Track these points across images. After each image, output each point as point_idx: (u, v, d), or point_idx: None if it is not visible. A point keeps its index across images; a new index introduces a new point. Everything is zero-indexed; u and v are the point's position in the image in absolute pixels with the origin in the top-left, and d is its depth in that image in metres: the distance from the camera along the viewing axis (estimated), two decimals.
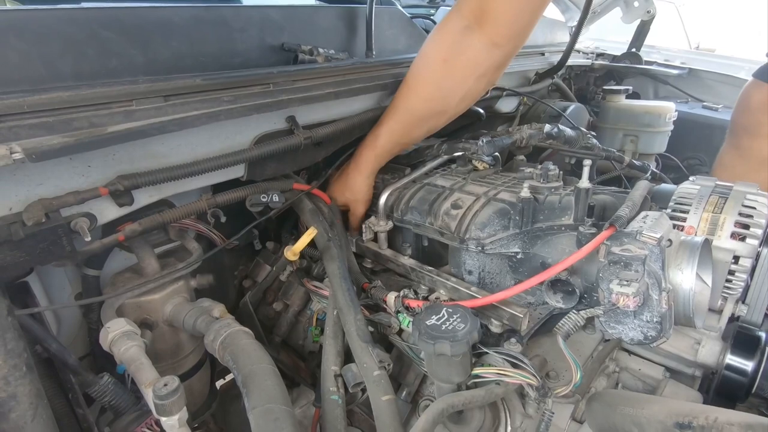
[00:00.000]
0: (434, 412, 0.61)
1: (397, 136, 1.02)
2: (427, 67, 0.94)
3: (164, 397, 0.51)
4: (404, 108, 0.98)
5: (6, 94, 0.57)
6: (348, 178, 1.06)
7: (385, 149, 1.03)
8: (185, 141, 0.78)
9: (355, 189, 1.05)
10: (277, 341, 1.12)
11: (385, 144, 1.02)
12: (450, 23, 0.91)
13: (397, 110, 0.99)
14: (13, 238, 0.63)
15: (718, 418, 0.55)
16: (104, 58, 0.71)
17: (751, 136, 1.34)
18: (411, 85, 0.97)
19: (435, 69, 0.93)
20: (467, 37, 0.88)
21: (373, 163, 1.04)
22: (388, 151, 1.04)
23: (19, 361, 0.46)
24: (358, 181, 1.04)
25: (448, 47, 0.91)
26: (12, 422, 0.46)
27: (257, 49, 0.91)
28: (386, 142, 1.02)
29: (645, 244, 0.73)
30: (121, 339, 0.68)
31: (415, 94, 0.97)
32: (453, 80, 0.94)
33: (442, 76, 0.93)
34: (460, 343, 0.62)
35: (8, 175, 0.64)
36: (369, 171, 1.04)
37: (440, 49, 0.92)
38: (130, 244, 0.87)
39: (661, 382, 0.96)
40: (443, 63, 0.92)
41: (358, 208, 1.07)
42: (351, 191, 1.06)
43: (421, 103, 0.97)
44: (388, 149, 1.03)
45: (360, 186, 1.05)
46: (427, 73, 0.95)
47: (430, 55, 0.94)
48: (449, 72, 0.92)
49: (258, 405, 0.59)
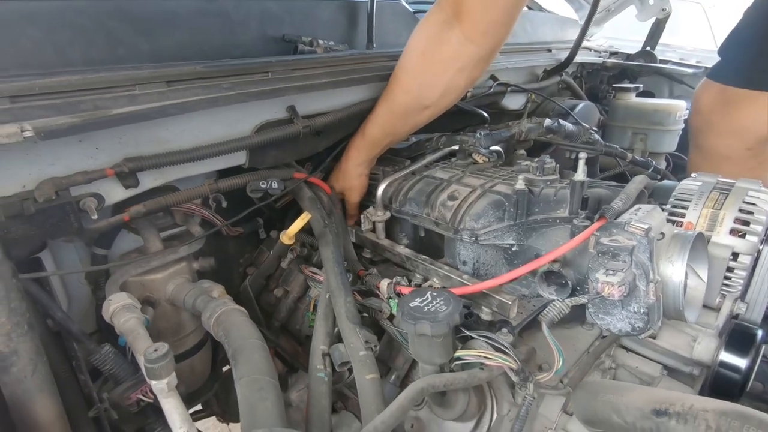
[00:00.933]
0: (414, 390, 0.63)
1: (384, 128, 1.03)
2: (408, 59, 0.96)
3: (154, 361, 0.55)
4: (389, 100, 1.00)
5: (19, 76, 0.61)
6: (341, 167, 1.10)
7: (373, 139, 1.05)
8: (188, 127, 0.82)
9: (347, 176, 1.09)
10: (276, 326, 1.15)
11: (374, 134, 1.04)
12: (431, 16, 0.91)
13: (383, 102, 1.01)
14: (25, 213, 0.68)
15: (693, 405, 0.55)
16: (111, 46, 0.75)
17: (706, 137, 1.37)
18: (395, 76, 0.98)
19: (414, 62, 0.94)
20: (445, 31, 0.88)
21: (363, 151, 1.07)
22: (377, 142, 1.06)
23: (21, 319, 0.49)
24: (350, 169, 1.08)
25: (427, 40, 0.92)
26: (13, 376, 0.50)
27: (258, 40, 0.94)
28: (375, 132, 1.04)
29: (633, 234, 0.73)
30: (122, 311, 0.72)
31: (397, 86, 0.98)
32: (431, 74, 0.94)
33: (420, 69, 0.94)
34: (440, 324, 0.64)
35: (22, 154, 0.68)
36: (360, 159, 1.07)
37: (420, 42, 0.93)
38: (136, 225, 0.92)
39: (655, 379, 0.96)
40: (422, 56, 0.93)
41: (352, 196, 1.11)
42: (344, 179, 1.10)
43: (402, 96, 0.98)
44: (376, 139, 1.05)
45: (351, 173, 1.08)
46: (408, 66, 0.96)
47: (411, 47, 0.95)
48: (428, 65, 0.93)
49: (244, 375, 0.62)
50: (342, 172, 1.10)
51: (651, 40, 2.03)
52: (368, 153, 1.07)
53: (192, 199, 0.89)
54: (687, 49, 2.11)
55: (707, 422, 0.53)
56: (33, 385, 0.51)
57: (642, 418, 0.59)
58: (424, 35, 0.93)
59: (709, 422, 0.52)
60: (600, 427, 0.71)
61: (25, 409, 0.51)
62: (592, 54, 2.01)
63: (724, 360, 0.83)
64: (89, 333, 0.99)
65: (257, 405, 0.59)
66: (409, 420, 0.82)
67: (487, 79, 1.38)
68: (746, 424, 0.50)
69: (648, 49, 2.03)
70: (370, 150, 1.07)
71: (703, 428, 0.53)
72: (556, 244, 0.90)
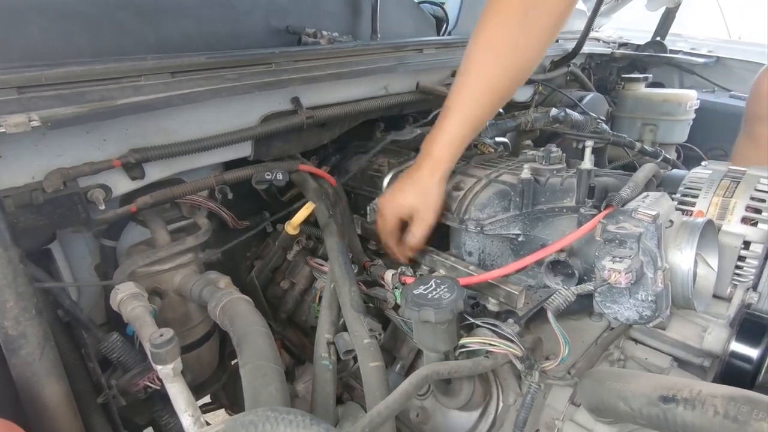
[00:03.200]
0: (418, 377, 0.62)
1: (472, 120, 0.88)
2: (502, 26, 0.82)
3: (159, 346, 0.55)
4: (480, 82, 0.85)
5: (27, 67, 0.62)
6: (421, 182, 0.89)
7: (461, 141, 0.89)
8: (194, 118, 0.83)
9: (429, 193, 0.89)
10: (283, 318, 1.16)
11: (460, 133, 0.88)
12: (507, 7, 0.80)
13: (468, 88, 0.86)
14: (34, 203, 0.69)
15: (701, 390, 0.54)
16: (118, 37, 0.77)
17: (764, 124, 1.30)
18: (481, 54, 0.84)
19: (511, 26, 0.81)
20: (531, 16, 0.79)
21: (450, 161, 0.90)
22: (463, 144, 0.90)
23: (28, 304, 0.50)
24: (432, 185, 0.88)
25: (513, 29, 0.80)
26: (21, 358, 0.51)
27: (262, 31, 0.95)
28: (460, 131, 0.88)
29: (640, 221, 0.72)
30: (129, 299, 0.73)
31: (492, 60, 0.84)
32: (532, 37, 0.82)
33: (520, 33, 0.80)
34: (444, 310, 0.63)
35: (31, 146, 0.70)
36: (444, 171, 0.90)
37: (505, 34, 0.81)
38: (143, 218, 0.93)
39: (665, 370, 0.94)
40: (523, 15, 0.79)
41: (429, 216, 0.90)
42: (424, 196, 0.89)
43: (500, 71, 0.84)
44: (463, 141, 0.89)
45: (435, 190, 0.89)
46: (501, 34, 0.82)
47: (504, 10, 0.81)
48: (528, 28, 0.80)
49: (249, 362, 0.63)
50: (421, 189, 0.89)
51: (661, 30, 1.99)
52: (453, 163, 0.90)
53: (198, 191, 0.90)
54: (698, 39, 2.07)
55: (715, 408, 0.52)
56: (41, 369, 0.52)
57: (649, 405, 0.58)
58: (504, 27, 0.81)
59: (717, 408, 0.52)
60: (607, 415, 0.71)
61: (33, 392, 0.52)
62: (601, 45, 1.98)
63: (735, 350, 0.82)
64: (99, 324, 1.01)
65: (261, 390, 0.59)
66: (414, 409, 0.82)
67: None
68: (755, 409, 0.49)
69: (658, 39, 1.99)
70: (458, 151, 0.90)
71: (711, 414, 0.52)
72: (562, 234, 0.89)
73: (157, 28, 0.80)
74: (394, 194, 0.92)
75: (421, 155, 0.91)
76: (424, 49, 1.11)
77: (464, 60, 0.87)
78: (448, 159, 0.89)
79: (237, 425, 0.42)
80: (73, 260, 0.93)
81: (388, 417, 0.54)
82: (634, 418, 0.61)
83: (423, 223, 0.89)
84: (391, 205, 0.91)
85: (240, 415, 0.44)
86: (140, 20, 0.79)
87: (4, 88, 0.61)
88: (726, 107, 1.76)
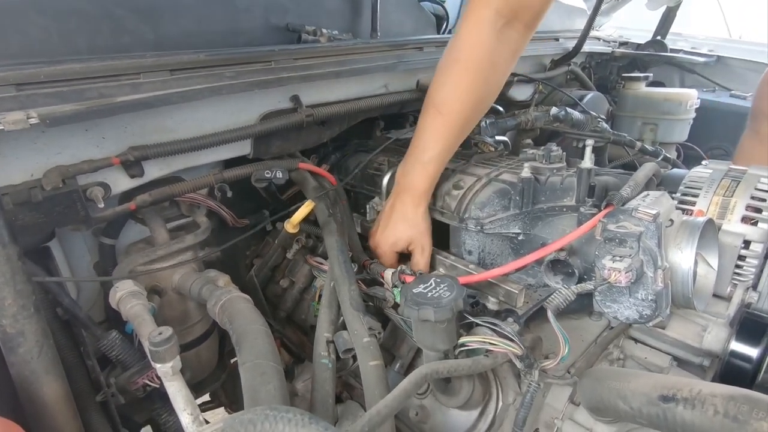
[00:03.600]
0: (418, 376, 0.62)
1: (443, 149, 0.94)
2: (471, 70, 0.91)
3: (158, 344, 0.55)
4: (443, 115, 0.92)
5: (25, 64, 0.62)
6: (407, 215, 0.95)
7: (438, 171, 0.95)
8: (193, 116, 0.83)
9: (419, 223, 0.95)
10: (282, 316, 1.16)
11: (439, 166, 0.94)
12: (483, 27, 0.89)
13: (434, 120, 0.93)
14: (32, 200, 0.69)
15: (701, 390, 0.54)
16: (117, 35, 0.76)
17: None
18: (445, 91, 0.92)
19: (481, 70, 0.91)
20: (505, 32, 0.89)
21: (430, 191, 0.96)
22: (439, 167, 0.95)
23: (27, 301, 0.50)
24: (419, 215, 0.95)
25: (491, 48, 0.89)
26: (20, 356, 0.50)
27: (262, 28, 0.94)
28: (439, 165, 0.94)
29: (641, 220, 0.72)
30: (128, 297, 0.73)
31: (452, 99, 0.91)
32: (498, 73, 0.94)
33: (483, 75, 0.91)
34: (443, 309, 0.63)
35: (30, 143, 0.69)
36: (427, 202, 0.96)
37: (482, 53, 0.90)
38: (142, 216, 0.93)
39: (664, 370, 0.94)
40: (486, 62, 0.90)
41: (427, 243, 0.96)
42: (416, 227, 0.95)
43: (461, 105, 0.92)
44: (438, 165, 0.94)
45: (423, 220, 0.96)
46: (472, 76, 0.91)
47: (471, 60, 0.90)
48: (491, 67, 0.91)
49: (248, 360, 0.63)
50: (409, 220, 0.94)
51: (662, 29, 1.99)
52: (432, 183, 0.95)
53: (197, 189, 0.89)
54: (699, 38, 2.07)
55: (715, 407, 0.52)
56: (39, 367, 0.52)
57: (648, 404, 0.58)
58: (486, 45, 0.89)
59: (717, 407, 0.51)
60: (606, 414, 0.71)
61: (32, 390, 0.52)
62: (601, 44, 1.97)
63: (734, 349, 0.82)
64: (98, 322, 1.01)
65: (260, 389, 0.59)
66: (414, 408, 0.82)
67: None
68: (755, 408, 0.49)
69: (659, 38, 1.99)
70: (434, 179, 0.95)
71: (711, 413, 0.52)
72: (562, 233, 0.89)
73: (156, 26, 0.80)
74: (386, 232, 0.96)
75: (399, 188, 0.96)
76: (425, 48, 1.11)
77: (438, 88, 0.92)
78: (429, 189, 0.95)
79: (236, 423, 0.42)
80: (72, 258, 0.93)
81: (387, 416, 0.54)
82: (634, 418, 0.61)
83: (424, 251, 0.95)
84: (387, 242, 0.96)
85: (239, 414, 0.44)
86: (139, 18, 0.79)
87: (3, 85, 0.60)
88: (726, 106, 1.76)
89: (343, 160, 1.26)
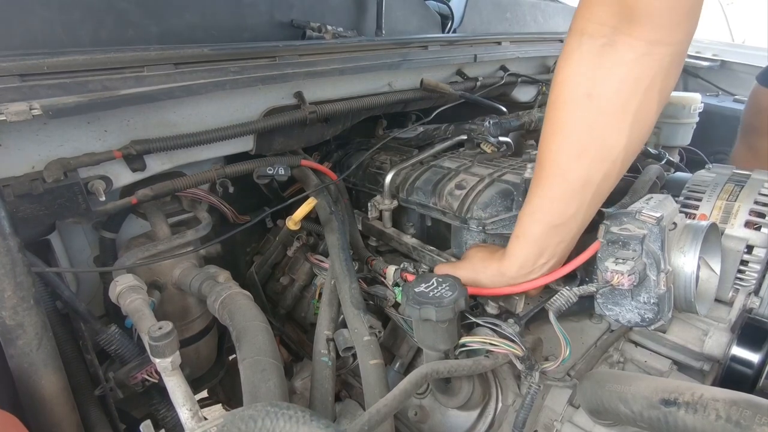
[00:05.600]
0: (418, 375, 0.62)
1: (550, 220, 0.72)
2: (564, 113, 0.68)
3: (158, 339, 0.55)
4: (551, 177, 0.70)
5: (29, 55, 0.62)
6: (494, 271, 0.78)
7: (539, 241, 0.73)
8: (196, 111, 0.82)
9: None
10: (282, 314, 1.16)
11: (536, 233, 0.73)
12: (580, 48, 0.65)
13: (541, 186, 0.72)
14: (33, 192, 0.68)
15: (703, 394, 0.54)
16: (121, 27, 0.76)
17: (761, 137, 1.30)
18: (550, 145, 0.70)
19: (578, 112, 0.67)
20: (610, 53, 0.64)
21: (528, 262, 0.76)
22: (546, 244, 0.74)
23: (27, 294, 0.50)
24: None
25: (588, 78, 0.65)
26: (19, 348, 0.50)
27: (266, 24, 0.94)
28: (536, 231, 0.73)
29: (644, 223, 0.72)
30: (128, 292, 0.72)
31: (559, 155, 0.69)
32: (607, 115, 0.66)
33: (592, 116, 0.66)
34: (445, 309, 0.63)
35: (32, 135, 0.69)
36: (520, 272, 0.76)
37: (576, 86, 0.66)
38: (143, 210, 0.92)
39: (664, 374, 0.94)
40: (587, 98, 0.66)
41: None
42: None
43: (573, 163, 0.68)
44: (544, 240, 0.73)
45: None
46: (570, 122, 0.68)
47: (565, 97, 0.68)
48: (598, 107, 0.66)
49: (248, 357, 0.62)
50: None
51: None
52: (534, 261, 0.75)
53: (199, 184, 0.89)
54: (703, 42, 2.06)
55: (717, 412, 0.51)
56: (38, 359, 0.52)
57: (650, 408, 0.58)
58: (583, 75, 0.66)
59: (719, 412, 0.51)
60: (606, 417, 0.70)
61: (30, 382, 0.52)
62: None
63: (735, 354, 0.82)
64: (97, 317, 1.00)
65: (259, 386, 0.59)
66: (413, 408, 0.81)
67: (497, 70, 1.36)
68: (758, 413, 0.49)
69: None
70: (537, 258, 0.74)
71: (713, 418, 0.51)
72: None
73: (161, 19, 0.80)
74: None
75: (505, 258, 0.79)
76: (429, 46, 1.10)
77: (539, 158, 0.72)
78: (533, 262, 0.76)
79: (236, 419, 0.42)
80: (72, 252, 0.93)
81: (386, 415, 0.54)
82: (635, 421, 0.61)
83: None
84: None
85: (239, 410, 0.43)
86: (143, 11, 0.78)
87: (6, 75, 0.60)
88: (730, 111, 1.76)
89: (346, 158, 1.26)
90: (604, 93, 0.65)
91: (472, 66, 1.23)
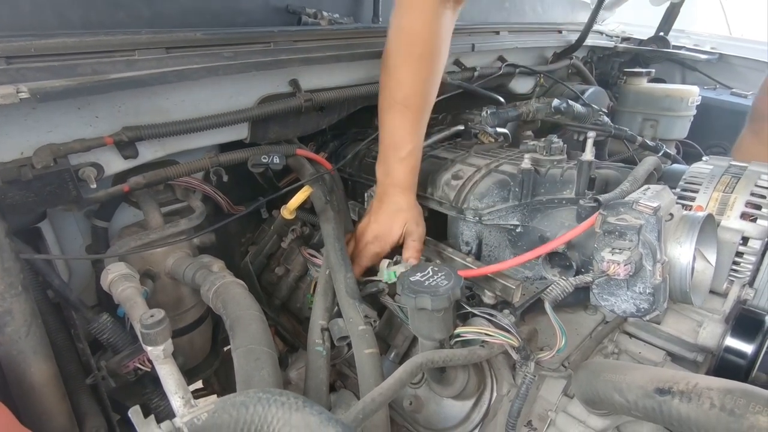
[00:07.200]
0: (413, 365, 0.62)
1: (420, 137, 0.94)
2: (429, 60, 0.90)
3: (150, 327, 0.54)
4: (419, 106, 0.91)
5: (16, 37, 0.60)
6: (398, 204, 0.93)
7: (417, 157, 0.94)
8: (189, 98, 0.81)
9: (411, 209, 0.94)
10: (277, 304, 1.15)
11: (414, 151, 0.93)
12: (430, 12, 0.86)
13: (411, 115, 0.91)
14: (22, 178, 0.67)
15: (698, 383, 0.54)
16: (112, 10, 0.74)
17: None
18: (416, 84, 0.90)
19: (437, 58, 0.91)
20: (446, 14, 0.88)
21: (414, 180, 0.95)
22: (419, 159, 0.95)
23: (15, 280, 0.49)
24: (411, 202, 0.95)
25: (441, 35, 0.90)
26: (7, 335, 0.49)
27: (261, 9, 0.92)
28: (414, 150, 0.93)
29: (641, 213, 0.71)
30: (120, 280, 0.71)
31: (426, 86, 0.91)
32: (445, 56, 0.93)
33: (443, 58, 0.92)
34: (440, 298, 0.62)
35: (20, 120, 0.67)
36: (413, 189, 0.96)
37: (435, 41, 0.90)
38: (136, 198, 0.91)
39: (658, 364, 0.94)
40: (443, 51, 0.91)
41: (420, 230, 0.95)
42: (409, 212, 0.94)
43: (433, 93, 0.93)
44: (418, 156, 0.94)
45: (414, 204, 0.96)
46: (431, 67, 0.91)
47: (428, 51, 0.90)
48: (444, 53, 0.92)
49: (241, 346, 0.62)
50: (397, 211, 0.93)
51: (665, 26, 1.97)
52: (415, 175, 0.95)
53: (192, 173, 0.88)
54: (702, 36, 2.06)
55: (712, 400, 0.51)
56: (27, 347, 0.51)
57: (644, 397, 0.58)
58: (432, 34, 0.89)
59: (713, 400, 0.51)
60: (601, 407, 0.70)
61: (19, 370, 0.51)
62: (604, 38, 1.96)
63: (729, 345, 0.82)
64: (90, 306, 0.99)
65: (253, 374, 0.58)
66: (408, 397, 0.81)
67: (495, 60, 1.35)
68: (752, 402, 0.49)
69: (661, 34, 1.98)
70: (416, 169, 0.95)
71: (707, 406, 0.51)
72: (561, 226, 0.88)
73: (152, 2, 0.78)
74: (378, 221, 0.94)
75: (384, 186, 0.94)
76: None
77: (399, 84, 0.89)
78: (414, 181, 0.95)
79: (228, 406, 0.41)
80: (63, 240, 0.91)
81: (381, 404, 0.53)
82: (629, 410, 0.61)
83: (418, 238, 0.93)
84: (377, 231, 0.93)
85: (231, 396, 0.43)
86: None
87: None
88: (727, 104, 1.76)
89: (342, 148, 1.25)
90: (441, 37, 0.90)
91: (469, 55, 1.21)
